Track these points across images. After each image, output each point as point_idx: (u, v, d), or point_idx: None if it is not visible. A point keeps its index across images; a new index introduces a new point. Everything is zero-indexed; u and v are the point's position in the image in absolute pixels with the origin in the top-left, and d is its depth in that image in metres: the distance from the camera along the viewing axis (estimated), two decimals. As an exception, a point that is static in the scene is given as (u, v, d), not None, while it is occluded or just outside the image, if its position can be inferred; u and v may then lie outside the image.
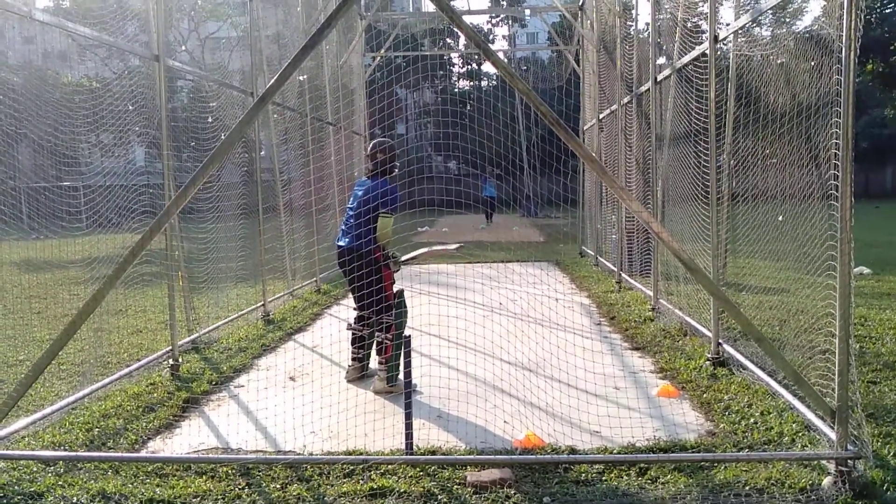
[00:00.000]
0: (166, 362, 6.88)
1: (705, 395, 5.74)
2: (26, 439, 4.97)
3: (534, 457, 4.53)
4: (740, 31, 6.45)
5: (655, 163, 9.25)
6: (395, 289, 6.30)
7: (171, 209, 4.50)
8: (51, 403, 5.53)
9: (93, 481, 4.30)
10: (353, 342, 6.62)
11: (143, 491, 4.17)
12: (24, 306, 10.15)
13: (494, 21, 51.05)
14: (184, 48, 38.45)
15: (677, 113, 8.15)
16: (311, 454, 4.79)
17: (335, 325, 9.12)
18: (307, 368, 7.01)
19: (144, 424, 5.37)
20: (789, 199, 5.76)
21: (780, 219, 6.07)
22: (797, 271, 5.80)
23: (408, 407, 4.57)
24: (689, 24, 7.89)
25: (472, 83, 49.31)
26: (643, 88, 9.72)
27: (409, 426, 4.56)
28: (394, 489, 4.11)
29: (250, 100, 9.41)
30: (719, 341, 6.57)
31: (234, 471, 4.43)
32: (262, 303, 9.69)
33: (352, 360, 6.63)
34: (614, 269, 12.12)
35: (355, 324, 6.54)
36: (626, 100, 11.09)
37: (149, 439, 5.15)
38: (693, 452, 4.57)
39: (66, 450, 4.81)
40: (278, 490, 4.19)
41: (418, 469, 4.37)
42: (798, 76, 5.65)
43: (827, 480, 4.02)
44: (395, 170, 6.50)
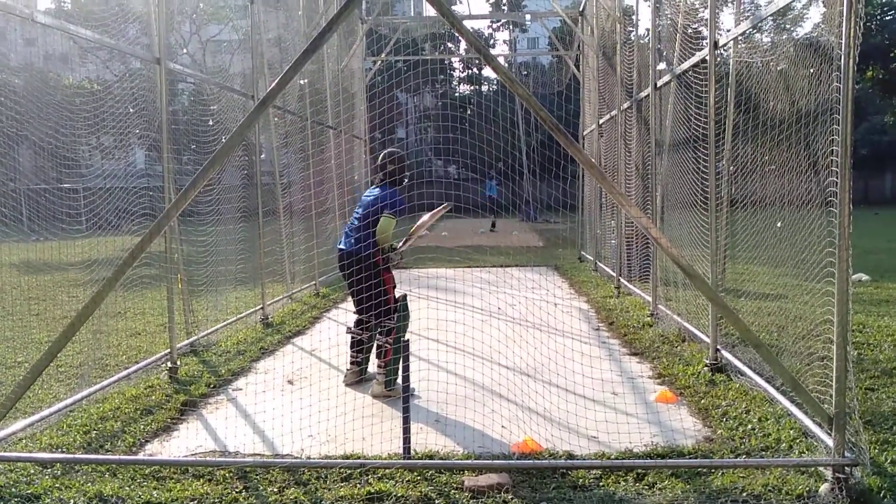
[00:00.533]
0: (164, 365, 6.88)
1: (703, 401, 5.74)
2: (24, 441, 4.97)
3: (531, 462, 4.52)
4: (740, 37, 6.47)
5: (655, 168, 9.26)
6: (399, 293, 6.30)
7: (171, 212, 4.50)
8: (49, 405, 5.52)
9: (90, 484, 4.30)
10: (351, 346, 6.61)
11: (140, 494, 4.17)
12: (23, 308, 10.15)
13: (495, 26, 51.15)
14: (185, 51, 38.51)
15: (677, 119, 8.16)
16: (309, 458, 4.78)
17: (334, 329, 9.13)
18: (305, 372, 7.01)
19: (142, 427, 5.37)
20: (788, 205, 5.77)
21: (778, 225, 6.07)
22: (796, 277, 5.81)
23: (405, 411, 4.57)
24: (690, 31, 7.91)
25: (472, 88, 49.34)
26: (643, 94, 9.73)
27: (406, 430, 4.56)
28: (391, 493, 4.11)
29: (251, 103, 9.42)
30: (717, 347, 6.57)
31: (231, 474, 4.43)
32: (260, 306, 9.69)
33: (350, 363, 6.61)
34: (613, 275, 12.12)
35: (354, 327, 6.53)
36: (625, 105, 11.11)
37: (146, 442, 5.15)
38: (690, 458, 4.57)
39: (63, 452, 4.81)
40: (275, 494, 4.19)
41: (416, 473, 4.37)
42: (798, 83, 5.66)
43: (824, 487, 4.02)
44: (405, 180, 6.52)
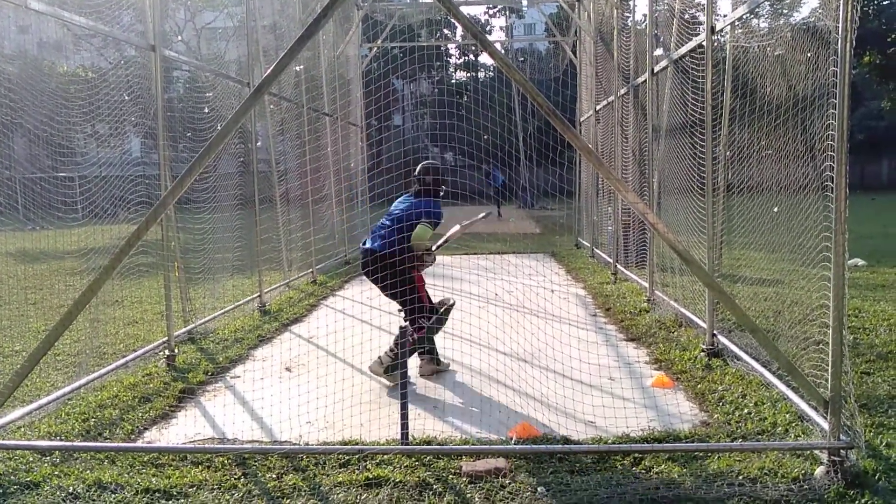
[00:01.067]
0: (162, 353, 6.88)
1: (699, 386, 5.77)
2: (22, 429, 4.98)
3: (529, 446, 4.54)
4: (737, 22, 6.45)
5: (652, 154, 9.26)
6: (445, 298, 6.35)
7: (168, 199, 4.49)
8: (47, 394, 5.54)
9: (89, 471, 4.31)
10: (418, 342, 6.26)
11: (139, 481, 4.18)
12: (20, 297, 10.14)
13: (492, 12, 50.91)
14: (180, 38, 38.27)
15: (674, 104, 8.15)
16: (307, 444, 4.80)
17: (331, 317, 9.14)
18: (303, 359, 7.02)
19: (140, 415, 5.38)
20: (785, 190, 5.78)
21: (775, 210, 6.08)
22: (792, 263, 5.82)
23: (403, 397, 4.58)
24: (687, 16, 7.89)
25: (469, 74, 49.19)
26: (640, 80, 9.71)
27: (404, 416, 4.57)
28: (389, 479, 4.13)
29: (247, 90, 9.38)
30: (714, 332, 6.59)
31: (229, 461, 4.44)
32: (258, 294, 9.69)
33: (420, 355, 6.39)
34: (610, 261, 12.14)
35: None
36: (622, 91, 11.08)
37: (145, 429, 5.16)
38: (687, 442, 4.60)
39: (62, 440, 4.82)
40: (274, 480, 4.21)
41: (414, 459, 4.39)
42: (795, 68, 5.65)
43: (819, 470, 4.05)
44: (441, 193, 6.35)
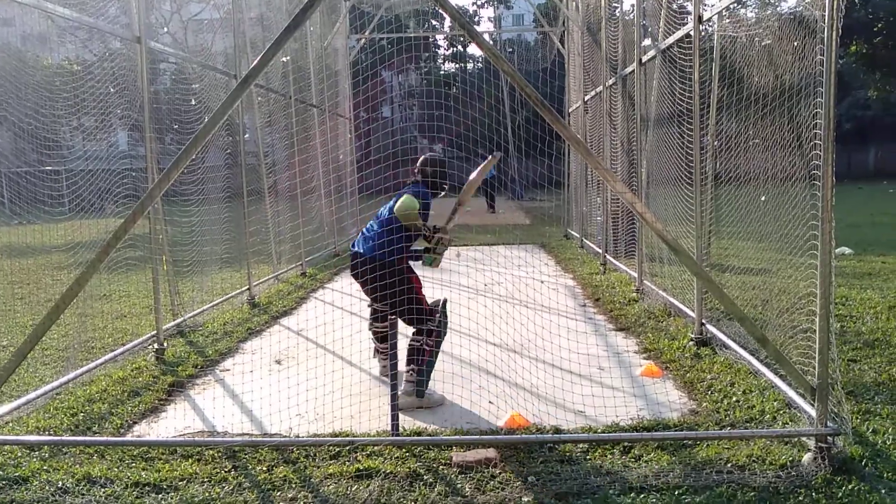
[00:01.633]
0: (151, 347, 6.86)
1: (688, 375, 5.80)
2: (10, 424, 4.95)
3: (519, 436, 4.56)
4: (724, 11, 6.46)
5: (640, 144, 9.27)
6: (437, 297, 5.84)
7: (154, 192, 4.47)
8: (35, 388, 5.51)
9: (78, 466, 4.30)
10: (381, 340, 5.94)
11: (128, 475, 4.17)
12: (7, 292, 10.08)
13: (480, 2, 50.81)
14: (166, 30, 37.99)
15: (662, 94, 8.16)
16: (298, 436, 4.80)
17: (320, 309, 9.12)
18: (293, 352, 7.01)
19: (130, 409, 5.36)
20: (772, 180, 5.80)
21: (762, 199, 6.10)
22: (780, 252, 5.85)
23: (393, 388, 4.59)
24: (674, 5, 7.89)
25: (457, 65, 49.08)
26: (628, 70, 9.71)
27: (394, 408, 4.58)
28: (380, 470, 4.14)
29: (234, 82, 9.33)
30: (703, 321, 6.62)
31: (220, 454, 4.44)
32: (247, 287, 9.67)
33: (378, 353, 6.08)
34: (599, 251, 12.17)
35: (377, 323, 5.91)
36: (610, 81, 11.09)
37: (134, 423, 5.15)
38: (676, 431, 4.62)
39: (51, 434, 4.81)
40: (264, 472, 4.20)
41: (404, 450, 4.40)
42: (782, 57, 5.66)
43: (807, 457, 4.08)
44: (444, 189, 5.83)
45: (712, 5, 6.54)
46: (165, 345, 6.92)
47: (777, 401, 4.95)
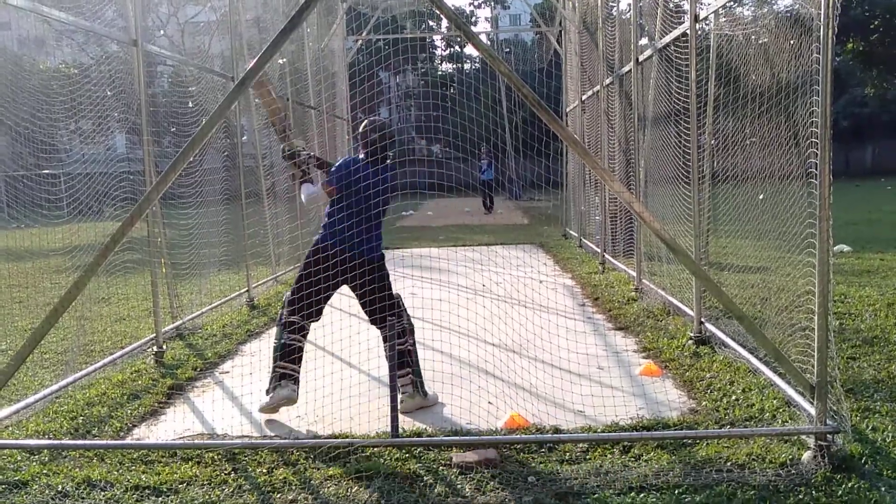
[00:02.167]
0: (150, 349, 6.85)
1: (688, 374, 5.80)
2: (10, 428, 4.95)
3: (518, 436, 4.57)
4: (721, 10, 6.47)
5: (638, 144, 9.28)
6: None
7: (152, 195, 4.47)
8: (34, 392, 5.50)
9: (78, 469, 4.29)
10: (286, 355, 5.23)
11: (128, 478, 4.17)
12: (6, 296, 10.05)
13: (476, 2, 50.83)
14: (162, 33, 37.97)
15: (659, 93, 8.17)
16: (297, 438, 4.80)
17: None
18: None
19: (129, 412, 5.36)
20: (770, 178, 5.80)
21: (760, 198, 6.11)
22: (778, 250, 5.86)
23: (393, 390, 4.58)
24: (671, 4, 7.90)
25: (454, 66, 49.09)
26: (625, 69, 9.72)
27: (394, 409, 4.57)
28: (380, 471, 4.14)
29: (231, 84, 9.32)
30: (702, 320, 6.63)
31: (219, 456, 4.43)
32: (246, 289, 9.66)
33: (283, 378, 5.20)
34: (598, 251, 12.17)
35: (295, 333, 5.30)
36: (608, 81, 11.09)
37: (134, 426, 5.14)
38: (676, 430, 4.62)
39: (50, 438, 4.80)
40: (264, 474, 4.20)
41: (404, 451, 4.40)
42: (778, 55, 5.67)
43: (807, 455, 4.08)
44: (389, 157, 5.50)
45: (708, 4, 6.55)
46: (165, 347, 6.91)
47: (776, 399, 4.95)
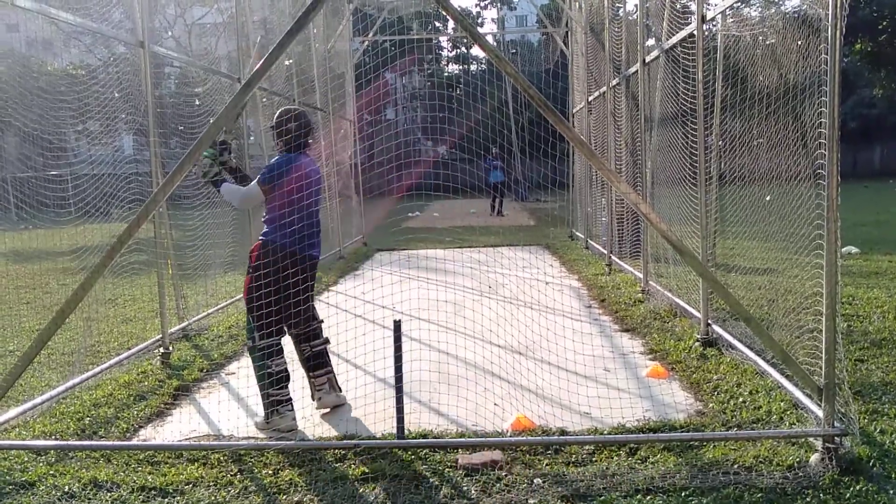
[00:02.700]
0: (157, 350, 6.87)
1: (694, 376, 5.78)
2: (17, 429, 4.97)
3: (525, 438, 4.56)
4: (728, 10, 6.45)
5: (644, 144, 9.26)
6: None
7: (158, 196, 4.47)
8: (41, 393, 5.51)
9: (84, 470, 4.30)
10: (276, 382, 5.00)
11: (134, 479, 4.18)
12: (13, 296, 10.10)
13: (483, 3, 50.84)
14: (170, 34, 38.08)
15: (665, 94, 8.15)
16: (303, 440, 4.80)
17: (324, 312, 9.11)
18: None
19: (136, 413, 5.37)
20: (777, 179, 5.78)
21: (767, 199, 6.09)
22: (785, 251, 5.84)
23: (398, 391, 4.58)
24: (678, 5, 7.87)
25: (461, 67, 49.11)
26: (632, 70, 9.70)
27: (400, 410, 4.57)
28: (386, 473, 4.13)
29: (237, 85, 9.33)
30: (708, 322, 6.60)
31: (225, 457, 4.44)
32: (252, 290, 9.65)
33: (280, 404, 5.00)
34: (604, 252, 12.14)
35: (276, 356, 5.04)
36: (614, 82, 11.07)
37: (140, 427, 5.15)
38: (682, 432, 4.61)
39: (57, 439, 4.81)
40: (270, 476, 4.21)
41: (410, 453, 4.40)
42: (786, 56, 5.65)
43: (814, 457, 4.06)
44: (308, 145, 5.28)
45: (715, 5, 6.53)
46: (171, 348, 6.93)
47: (784, 401, 4.93)
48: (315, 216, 5.18)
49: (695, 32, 6.58)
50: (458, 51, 48.43)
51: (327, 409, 5.40)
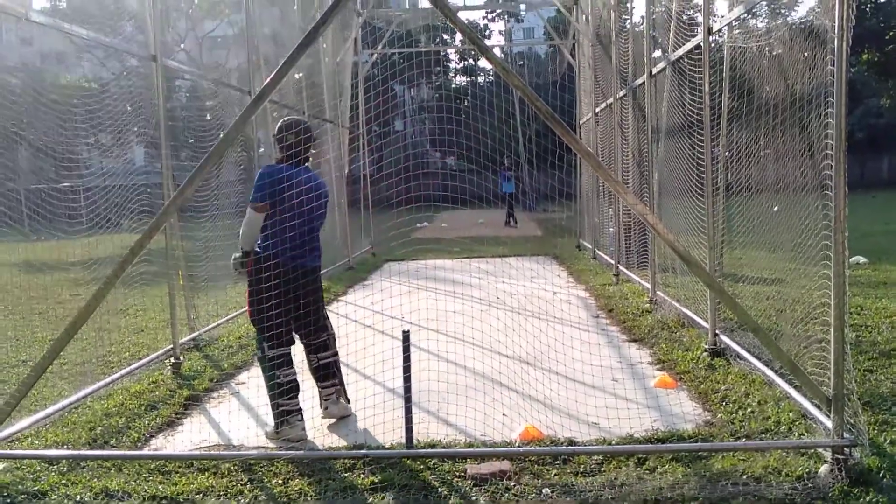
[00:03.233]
0: (168, 360, 6.92)
1: (703, 386, 5.78)
2: (29, 439, 5.01)
3: (533, 448, 4.57)
4: (734, 22, 6.48)
5: (651, 155, 9.28)
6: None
7: (170, 208, 4.53)
8: (53, 403, 5.56)
9: (96, 479, 4.34)
10: (285, 393, 5.03)
11: (145, 488, 4.21)
12: (26, 307, 10.18)
13: (490, 16, 51.00)
14: (181, 47, 38.39)
15: (672, 106, 8.17)
16: (313, 449, 4.83)
17: (334, 322, 9.14)
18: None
19: (147, 422, 5.41)
20: (785, 189, 5.79)
21: (775, 209, 6.10)
22: (793, 262, 5.83)
23: (408, 401, 4.60)
24: (684, 17, 7.91)
25: (468, 79, 49.26)
26: (638, 82, 9.74)
27: (409, 420, 4.59)
28: (395, 483, 4.15)
29: (248, 98, 9.42)
30: (716, 332, 6.61)
31: (236, 467, 4.47)
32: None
33: (290, 414, 5.03)
34: (612, 262, 12.15)
35: (285, 366, 5.08)
36: (621, 93, 11.11)
37: (151, 437, 5.19)
38: (691, 442, 4.61)
39: (69, 448, 4.85)
40: (280, 485, 4.23)
41: (418, 462, 4.42)
42: (793, 67, 5.67)
43: (823, 468, 4.06)
44: (308, 160, 5.36)
45: (722, 17, 6.56)
46: (182, 358, 6.97)
47: (793, 412, 4.92)
48: (306, 225, 5.15)
49: (701, 44, 6.61)
50: (466, 63, 48.60)
51: (333, 420, 5.42)
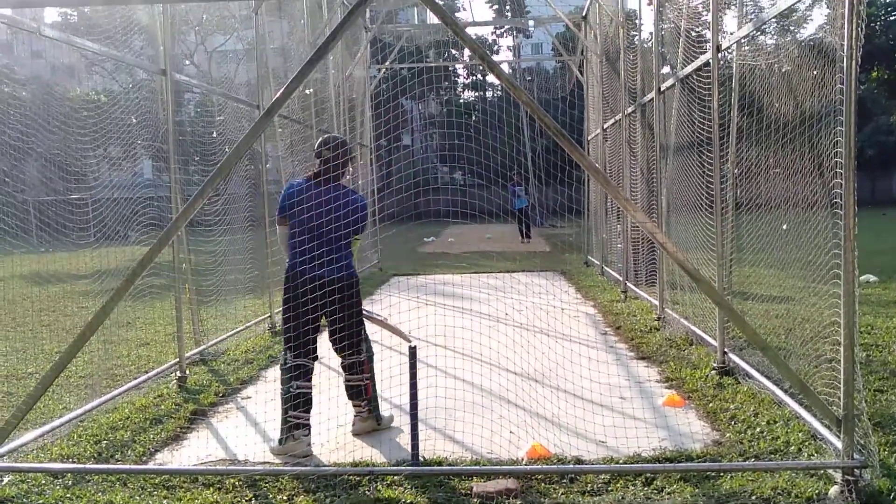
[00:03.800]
0: (174, 374, 6.91)
1: (711, 405, 5.73)
2: (35, 452, 5.00)
3: (540, 467, 4.53)
4: (743, 40, 6.48)
5: (660, 172, 9.27)
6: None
7: (179, 221, 4.54)
8: (59, 416, 5.56)
9: (101, 493, 4.32)
10: (298, 406, 5.05)
11: (150, 503, 4.19)
12: (34, 319, 10.20)
13: (499, 32, 51.24)
14: (190, 62, 38.68)
15: (681, 122, 8.17)
16: (318, 465, 4.80)
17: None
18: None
19: (152, 436, 5.39)
20: (794, 207, 5.77)
21: (784, 227, 6.07)
22: (803, 280, 5.80)
23: (414, 418, 4.58)
24: (693, 34, 7.93)
25: (476, 94, 49.45)
26: (647, 98, 9.75)
27: (415, 437, 4.57)
28: (400, 500, 4.12)
29: (256, 112, 9.46)
30: (725, 350, 6.56)
31: (241, 482, 4.45)
32: (268, 314, 9.72)
33: (297, 428, 5.02)
34: (620, 279, 12.11)
35: (301, 378, 5.12)
36: (629, 109, 11.12)
37: (156, 451, 5.17)
38: (699, 462, 4.57)
39: (74, 462, 4.84)
40: (285, 501, 4.21)
41: (424, 480, 4.38)
42: (802, 85, 5.66)
43: (833, 490, 4.01)
44: (347, 175, 5.39)
45: (731, 34, 6.56)
46: (188, 372, 6.97)
47: (802, 432, 4.87)
48: (324, 237, 5.09)
49: (710, 61, 6.62)
50: (474, 78, 48.80)
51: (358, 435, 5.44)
